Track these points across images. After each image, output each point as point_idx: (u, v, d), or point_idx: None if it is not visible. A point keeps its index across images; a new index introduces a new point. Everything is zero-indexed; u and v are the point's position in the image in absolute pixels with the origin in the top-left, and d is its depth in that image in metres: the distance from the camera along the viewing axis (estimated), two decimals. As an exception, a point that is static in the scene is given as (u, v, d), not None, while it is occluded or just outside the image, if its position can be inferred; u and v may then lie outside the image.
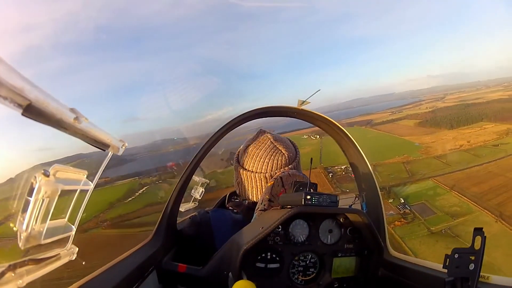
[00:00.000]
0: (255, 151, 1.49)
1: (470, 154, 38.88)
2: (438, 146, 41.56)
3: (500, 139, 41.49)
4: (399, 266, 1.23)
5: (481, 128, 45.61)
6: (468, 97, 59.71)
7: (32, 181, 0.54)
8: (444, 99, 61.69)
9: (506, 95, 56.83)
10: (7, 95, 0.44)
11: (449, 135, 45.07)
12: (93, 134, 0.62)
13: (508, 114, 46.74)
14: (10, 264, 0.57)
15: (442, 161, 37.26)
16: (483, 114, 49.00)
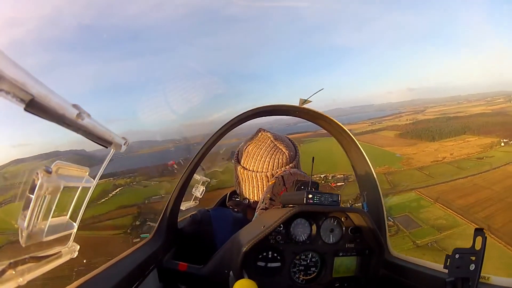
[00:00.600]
0: (255, 150, 1.48)
1: (454, 167, 38.57)
2: (420, 158, 41.17)
3: (484, 152, 41.13)
4: (400, 266, 1.23)
5: (464, 141, 45.48)
6: (449, 111, 59.85)
7: (34, 178, 0.54)
8: (425, 112, 61.70)
9: (489, 109, 56.90)
10: (9, 89, 0.43)
11: (431, 147, 44.67)
12: (96, 131, 0.61)
13: (491, 128, 46.68)
14: (10, 262, 0.57)
15: (424, 172, 36.95)
16: (466, 127, 48.96)
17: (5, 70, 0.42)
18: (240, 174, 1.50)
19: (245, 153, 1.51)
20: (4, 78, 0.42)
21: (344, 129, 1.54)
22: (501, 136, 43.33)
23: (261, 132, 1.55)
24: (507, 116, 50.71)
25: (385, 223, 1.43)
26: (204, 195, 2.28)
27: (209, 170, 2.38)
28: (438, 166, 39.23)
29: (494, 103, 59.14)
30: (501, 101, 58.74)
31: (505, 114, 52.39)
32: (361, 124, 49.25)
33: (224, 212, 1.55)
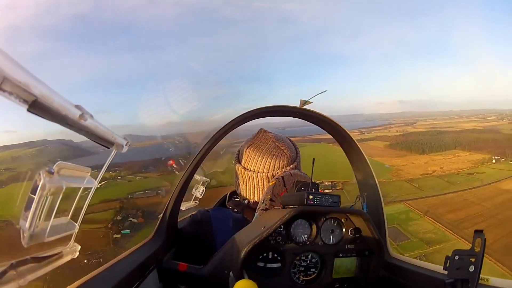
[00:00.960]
0: (256, 151, 1.47)
1: (444, 181, 38.39)
2: (409, 170, 40.98)
3: (475, 168, 41.02)
4: (400, 267, 1.23)
5: (454, 156, 45.37)
6: (440, 125, 59.69)
7: (36, 179, 0.54)
8: (415, 125, 61.59)
9: (481, 126, 56.85)
10: (12, 90, 0.43)
11: (421, 160, 44.49)
12: (98, 132, 0.61)
13: (483, 144, 46.52)
14: (12, 262, 0.57)
15: (414, 185, 36.72)
16: (457, 142, 48.83)
17: (8, 71, 0.43)
18: (240, 175, 1.49)
19: (246, 154, 1.50)
20: (7, 79, 0.42)
21: (344, 130, 1.54)
22: (492, 153, 43.23)
23: (262, 133, 1.55)
24: (499, 134, 50.49)
25: (385, 224, 1.44)
26: (204, 194, 2.28)
27: (209, 170, 2.37)
28: (427, 179, 39.11)
29: (486, 120, 59.16)
30: (493, 119, 58.86)
31: (497, 131, 52.20)
32: (350, 133, 49.45)
33: (224, 212, 1.55)
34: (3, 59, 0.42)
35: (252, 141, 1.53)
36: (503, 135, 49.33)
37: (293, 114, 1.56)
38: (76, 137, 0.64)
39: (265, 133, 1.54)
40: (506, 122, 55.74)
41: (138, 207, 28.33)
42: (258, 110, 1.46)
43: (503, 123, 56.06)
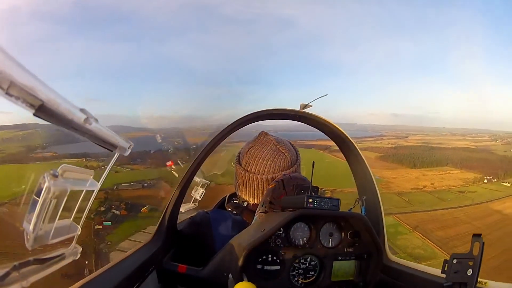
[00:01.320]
0: (257, 153, 1.48)
1: (434, 197, 38.07)
2: (399, 183, 40.64)
3: (466, 186, 40.83)
4: (398, 271, 1.24)
5: (445, 172, 45.18)
6: (432, 141, 59.56)
7: (41, 182, 0.54)
8: (407, 138, 61.53)
9: (473, 145, 56.74)
10: (19, 95, 0.44)
11: (411, 174, 44.30)
12: (102, 135, 0.62)
13: (475, 164, 46.43)
14: (15, 264, 0.57)
15: (404, 198, 36.38)
16: (449, 159, 48.71)
17: (16, 76, 0.43)
18: (241, 176, 1.50)
19: (247, 156, 1.51)
20: (15, 84, 0.43)
21: (344, 133, 1.55)
22: (484, 172, 43.11)
23: (264, 135, 1.56)
24: (492, 154, 50.29)
25: (383, 227, 1.44)
26: (203, 196, 2.29)
27: (208, 172, 2.38)
28: (418, 193, 38.89)
29: (478, 139, 59.06)
30: (486, 139, 58.71)
31: (490, 152, 52.01)
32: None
33: (223, 214, 1.55)
34: (10, 64, 0.43)
35: (253, 143, 1.54)
36: (495, 156, 49.24)
37: (294, 118, 1.57)
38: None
39: (266, 135, 1.55)
40: (499, 143, 55.74)
41: (122, 199, 28.11)
42: (258, 113, 1.47)
43: (496, 144, 56.02)
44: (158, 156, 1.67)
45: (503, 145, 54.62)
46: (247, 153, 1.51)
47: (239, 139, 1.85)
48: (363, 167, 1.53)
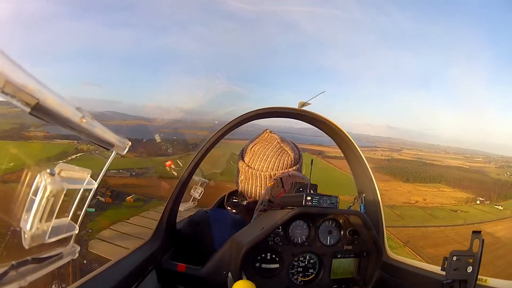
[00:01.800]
0: (261, 150, 1.50)
1: (426, 213, 37.44)
2: (392, 196, 40.13)
3: (458, 205, 40.22)
4: (397, 268, 1.24)
5: (438, 190, 44.70)
6: (425, 156, 59.15)
7: (37, 180, 0.54)
8: (401, 152, 61.11)
9: (467, 165, 56.33)
10: (15, 93, 0.44)
11: (404, 188, 43.81)
12: (99, 133, 0.61)
13: (468, 184, 46.05)
14: (13, 263, 0.57)
15: (395, 212, 35.68)
16: (442, 177, 48.32)
17: (11, 74, 0.43)
18: (244, 172, 1.51)
19: (251, 152, 1.53)
20: (10, 82, 0.43)
21: (343, 131, 1.55)
22: (477, 194, 42.70)
23: (268, 133, 1.58)
24: (485, 176, 49.88)
25: (382, 225, 1.45)
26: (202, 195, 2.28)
27: (207, 171, 2.38)
28: (409, 208, 38.32)
29: (472, 160, 58.72)
30: (480, 160, 58.38)
31: (483, 173, 51.52)
32: (335, 149, 47.90)
33: (223, 213, 1.55)
34: (5, 62, 0.43)
35: (257, 140, 1.56)
36: (489, 178, 48.85)
37: (293, 116, 1.57)
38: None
39: (270, 133, 1.58)
40: (493, 166, 55.41)
41: (108, 186, 27.28)
42: (257, 111, 1.47)
43: (490, 167, 55.60)
44: (150, 145, 1.65)
45: (497, 168, 54.38)
46: (251, 150, 1.53)
47: (238, 137, 1.85)
48: (362, 165, 1.53)
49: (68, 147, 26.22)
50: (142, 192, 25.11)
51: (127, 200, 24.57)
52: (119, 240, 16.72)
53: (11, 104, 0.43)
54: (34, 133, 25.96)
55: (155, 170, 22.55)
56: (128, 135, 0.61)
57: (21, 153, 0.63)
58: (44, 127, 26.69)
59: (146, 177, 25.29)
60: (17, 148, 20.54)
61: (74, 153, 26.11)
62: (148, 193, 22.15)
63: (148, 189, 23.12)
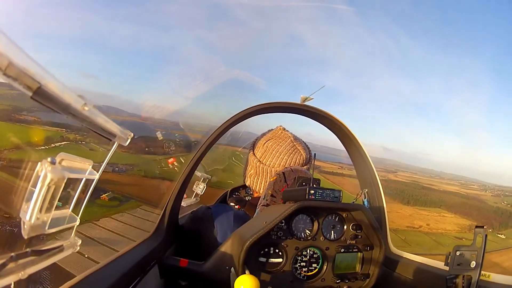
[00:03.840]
0: (275, 147, 1.51)
1: (431, 239, 36.24)
2: (394, 219, 38.26)
3: (462, 232, 39.12)
4: (401, 263, 1.23)
5: (439, 215, 43.78)
6: (421, 180, 58.52)
7: (38, 169, 0.53)
8: (396, 174, 59.95)
9: (463, 191, 55.53)
10: (17, 76, 0.42)
11: (405, 211, 42.78)
12: (101, 123, 0.60)
13: (468, 210, 45.34)
14: (12, 255, 0.56)
15: (400, 237, 33.96)
16: (442, 202, 47.56)
17: (13, 56, 0.42)
18: (255, 168, 1.52)
19: (263, 147, 1.53)
20: (12, 64, 0.41)
21: (345, 126, 1.54)
22: (478, 221, 41.82)
23: (281, 130, 1.59)
24: (483, 203, 49.38)
25: (385, 220, 1.44)
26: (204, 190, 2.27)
27: (210, 167, 2.37)
28: (414, 233, 37.25)
29: (468, 187, 58.22)
30: (476, 188, 57.83)
31: (481, 201, 51.00)
32: (330, 165, 42.57)
33: (225, 208, 1.54)
34: (9, 45, 0.42)
35: (270, 136, 1.56)
36: (488, 206, 48.17)
37: (295, 111, 1.56)
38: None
39: (283, 131, 1.58)
40: (489, 194, 54.71)
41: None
42: (260, 106, 1.46)
43: (486, 195, 54.77)
44: (141, 142, 1.60)
45: (493, 196, 53.65)
46: (264, 145, 1.53)
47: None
48: (365, 161, 1.52)
49: (54, 134, 24.80)
50: (120, 190, 23.31)
51: (102, 198, 22.92)
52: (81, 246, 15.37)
53: (10, 86, 0.42)
54: (25, 117, 25.08)
55: (140, 168, 21.76)
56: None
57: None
58: (37, 113, 25.83)
59: (129, 175, 23.56)
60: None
61: (59, 140, 24.69)
62: (128, 192, 20.36)
63: (128, 187, 21.52)
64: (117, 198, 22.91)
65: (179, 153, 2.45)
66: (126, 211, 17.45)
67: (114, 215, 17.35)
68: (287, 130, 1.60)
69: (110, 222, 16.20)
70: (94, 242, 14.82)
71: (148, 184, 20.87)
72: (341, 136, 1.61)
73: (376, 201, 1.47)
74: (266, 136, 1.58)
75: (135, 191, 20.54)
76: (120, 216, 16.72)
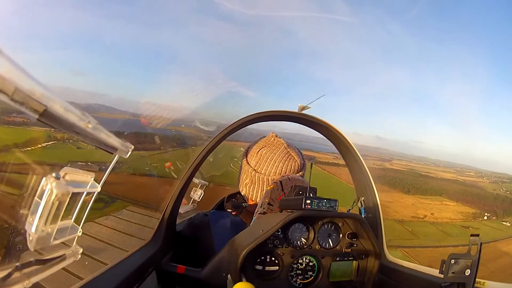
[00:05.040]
0: (268, 154, 1.50)
1: (438, 229, 34.82)
2: (397, 209, 37.55)
3: (467, 221, 38.14)
4: (396, 271, 1.25)
5: (441, 203, 42.68)
6: (417, 168, 57.40)
7: (42, 184, 0.55)
8: (392, 162, 58.97)
9: (460, 178, 54.30)
10: (23, 100, 0.45)
11: (407, 200, 41.56)
12: (102, 138, 0.63)
13: (469, 198, 44.25)
14: (17, 264, 0.58)
15: (406, 228, 32.96)
16: (442, 190, 46.56)
17: (20, 82, 0.45)
18: (250, 176, 1.52)
19: (257, 156, 1.53)
20: (19, 90, 0.44)
21: (342, 135, 1.56)
22: (481, 209, 41.09)
23: (274, 137, 1.58)
24: (483, 191, 48.46)
25: (381, 228, 1.45)
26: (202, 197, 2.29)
27: (207, 174, 2.39)
28: (420, 223, 35.83)
29: (464, 174, 57.30)
30: (472, 175, 56.99)
31: (480, 188, 49.97)
32: (325, 155, 41.47)
33: (222, 215, 1.56)
34: (14, 70, 0.45)
35: (263, 143, 1.56)
36: (488, 193, 47.15)
37: (293, 119, 1.59)
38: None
39: (276, 137, 1.58)
40: (487, 181, 53.75)
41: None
42: (257, 115, 1.49)
43: (484, 181, 53.72)
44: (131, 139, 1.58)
45: (491, 183, 52.62)
46: (257, 153, 1.53)
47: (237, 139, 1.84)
48: (362, 169, 1.54)
49: (41, 134, 24.05)
50: (106, 190, 22.97)
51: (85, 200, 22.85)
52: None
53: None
54: (13, 119, 24.68)
55: (128, 165, 20.65)
56: (109, 127, 0.61)
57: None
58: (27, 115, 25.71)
59: (117, 173, 23.08)
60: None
61: (46, 140, 24.16)
62: (114, 192, 19.10)
63: (114, 187, 20.10)
64: (102, 199, 22.38)
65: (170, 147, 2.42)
66: (112, 214, 16.93)
67: (98, 218, 17.63)
68: (279, 136, 1.60)
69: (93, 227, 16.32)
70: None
71: (137, 182, 20.15)
72: (337, 144, 1.63)
73: (372, 209, 1.48)
74: (259, 144, 1.58)
75: (122, 190, 19.34)
76: (105, 219, 16.12)
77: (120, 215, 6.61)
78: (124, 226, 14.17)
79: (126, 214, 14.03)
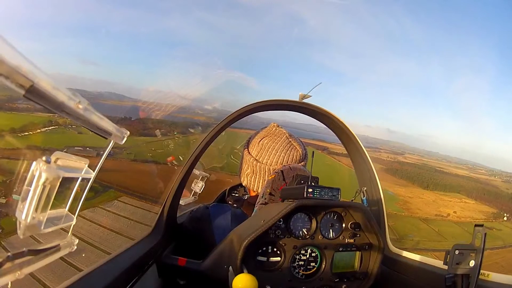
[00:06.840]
0: (270, 144, 1.49)
1: (464, 230, 31.92)
2: (419, 205, 35.69)
3: (489, 221, 35.70)
4: (399, 262, 1.23)
5: (461, 201, 41.16)
6: (429, 163, 56.48)
7: (33, 168, 0.52)
8: (405, 156, 57.91)
9: (473, 175, 53.24)
10: (9, 74, 0.42)
11: (427, 196, 39.80)
12: (96, 121, 0.60)
13: (487, 197, 42.80)
14: (9, 254, 0.56)
15: (432, 227, 30.64)
16: (460, 186, 45.31)
17: (5, 55, 0.41)
18: (251, 166, 1.50)
19: (259, 146, 1.51)
20: (4, 62, 0.41)
21: (343, 124, 1.54)
22: (499, 208, 39.53)
23: (275, 127, 1.56)
24: (497, 189, 47.31)
25: (384, 218, 1.44)
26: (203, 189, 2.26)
27: (208, 165, 2.36)
28: (444, 223, 33.51)
29: (475, 171, 56.61)
30: (484, 173, 56.31)
31: (493, 186, 48.93)
32: (337, 146, 37.62)
33: (223, 208, 1.54)
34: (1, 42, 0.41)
35: (265, 133, 1.54)
36: (503, 192, 45.41)
37: (294, 108, 1.56)
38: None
39: (278, 127, 1.56)
40: (499, 180, 52.92)
41: None
42: (258, 104, 1.46)
43: (496, 180, 52.75)
44: (137, 125, 1.52)
45: (503, 182, 51.52)
46: (259, 143, 1.51)
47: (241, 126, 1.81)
48: (364, 159, 1.52)
49: (41, 119, 23.50)
50: (100, 178, 21.55)
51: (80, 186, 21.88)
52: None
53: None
54: (17, 105, 24.15)
55: (129, 151, 20.09)
56: (116, 113, 0.58)
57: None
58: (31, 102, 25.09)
59: (116, 159, 20.92)
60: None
61: (47, 125, 23.63)
62: (108, 180, 17.48)
63: (111, 174, 18.70)
64: (93, 188, 21.58)
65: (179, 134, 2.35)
66: (99, 206, 14.63)
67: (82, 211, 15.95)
68: (281, 126, 1.58)
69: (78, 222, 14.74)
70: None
71: (136, 169, 19.41)
72: (340, 134, 1.60)
73: (375, 199, 1.46)
74: (261, 133, 1.56)
75: (117, 178, 18.29)
76: (92, 211, 13.68)
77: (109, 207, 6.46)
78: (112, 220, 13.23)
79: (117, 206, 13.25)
